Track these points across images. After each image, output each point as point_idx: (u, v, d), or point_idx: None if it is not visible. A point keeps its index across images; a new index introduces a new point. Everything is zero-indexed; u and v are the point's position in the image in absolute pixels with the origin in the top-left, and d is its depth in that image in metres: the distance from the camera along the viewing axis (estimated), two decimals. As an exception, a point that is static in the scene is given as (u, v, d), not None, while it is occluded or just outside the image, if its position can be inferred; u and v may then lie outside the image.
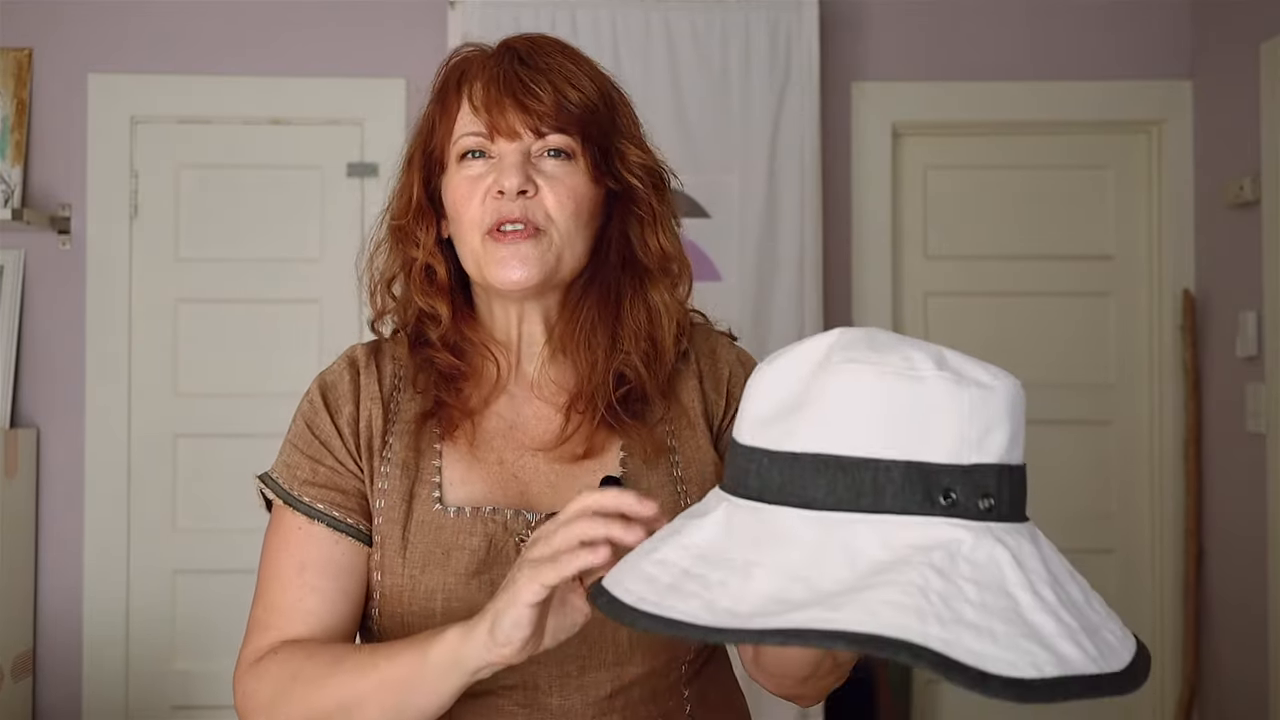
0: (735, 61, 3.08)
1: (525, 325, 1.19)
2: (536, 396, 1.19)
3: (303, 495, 1.14)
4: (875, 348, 0.77)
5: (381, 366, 1.20)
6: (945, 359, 0.76)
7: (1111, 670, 0.71)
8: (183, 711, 3.14)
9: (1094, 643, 0.72)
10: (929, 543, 0.72)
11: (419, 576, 1.10)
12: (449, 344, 1.19)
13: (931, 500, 0.73)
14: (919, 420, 0.74)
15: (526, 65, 1.14)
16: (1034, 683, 0.68)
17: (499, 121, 1.12)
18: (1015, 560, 0.73)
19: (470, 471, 1.15)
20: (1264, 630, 2.91)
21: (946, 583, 0.71)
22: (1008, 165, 3.39)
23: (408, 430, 1.16)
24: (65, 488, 3.13)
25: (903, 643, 0.67)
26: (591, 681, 1.10)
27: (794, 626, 0.69)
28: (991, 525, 0.74)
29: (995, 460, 0.75)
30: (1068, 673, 0.69)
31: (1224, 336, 3.13)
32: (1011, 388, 0.77)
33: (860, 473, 0.74)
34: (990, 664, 0.67)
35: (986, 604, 0.70)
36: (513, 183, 1.11)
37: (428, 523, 1.12)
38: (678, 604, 0.75)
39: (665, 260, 1.19)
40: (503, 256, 1.12)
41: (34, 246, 3.14)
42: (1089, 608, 0.76)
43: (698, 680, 1.17)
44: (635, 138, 1.20)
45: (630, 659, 1.11)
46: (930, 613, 0.69)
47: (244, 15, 3.20)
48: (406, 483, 1.14)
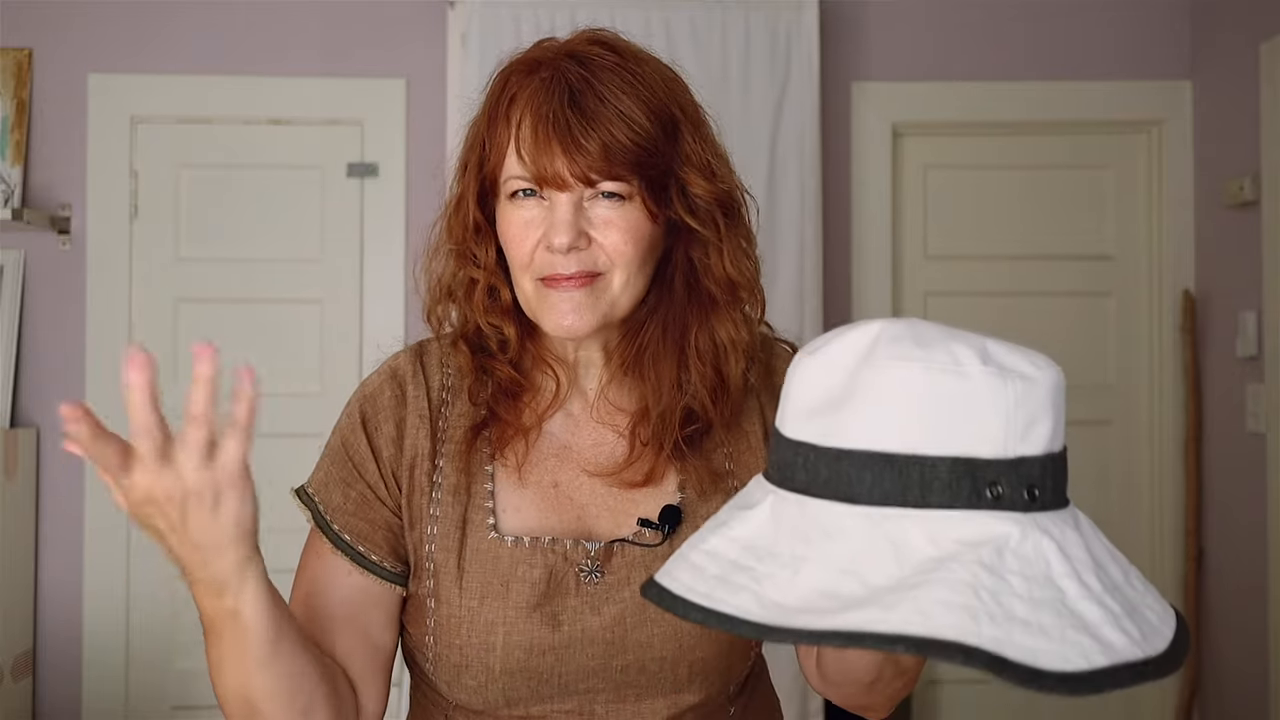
0: (735, 61, 3.08)
1: (582, 351, 1.15)
2: (594, 418, 1.16)
3: (334, 522, 1.13)
4: (920, 343, 0.77)
5: (429, 376, 1.16)
6: (989, 352, 0.77)
7: (1156, 653, 0.72)
8: (183, 711, 3.14)
9: (1137, 625, 0.73)
10: (978, 538, 0.73)
11: (477, 609, 1.08)
12: (509, 354, 1.15)
13: (979, 494, 0.74)
14: (965, 416, 0.75)
15: (577, 105, 1.06)
16: (1086, 675, 0.68)
17: (545, 170, 1.05)
18: (1061, 550, 0.74)
19: (523, 496, 1.12)
20: (1264, 630, 2.91)
21: (996, 579, 0.71)
22: (1008, 165, 3.39)
23: (458, 451, 1.12)
24: (65, 488, 3.13)
25: (957, 645, 0.68)
26: (648, 709, 1.09)
27: (850, 629, 0.70)
28: (1037, 516, 0.75)
29: (1040, 451, 0.76)
30: (1116, 661, 0.70)
31: (1224, 336, 3.13)
32: (1054, 376, 0.79)
33: (908, 469, 0.75)
34: (1043, 659, 0.68)
35: (1035, 597, 0.71)
36: (564, 240, 1.05)
37: (484, 551, 1.09)
38: (727, 597, 0.76)
39: (733, 289, 1.14)
40: (555, 303, 1.08)
41: (34, 246, 3.14)
42: (1129, 586, 0.77)
43: (742, 696, 1.17)
44: (699, 162, 1.11)
45: (688, 687, 1.10)
46: (983, 611, 0.69)
47: (244, 15, 3.20)
48: (459, 508, 1.11)
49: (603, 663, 1.07)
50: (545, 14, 3.04)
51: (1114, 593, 0.74)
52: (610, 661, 1.07)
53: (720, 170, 1.14)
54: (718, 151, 1.15)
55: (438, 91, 3.20)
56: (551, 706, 1.09)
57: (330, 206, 3.22)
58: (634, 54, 1.13)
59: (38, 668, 3.11)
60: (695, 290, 1.14)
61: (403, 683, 1.28)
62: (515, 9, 3.04)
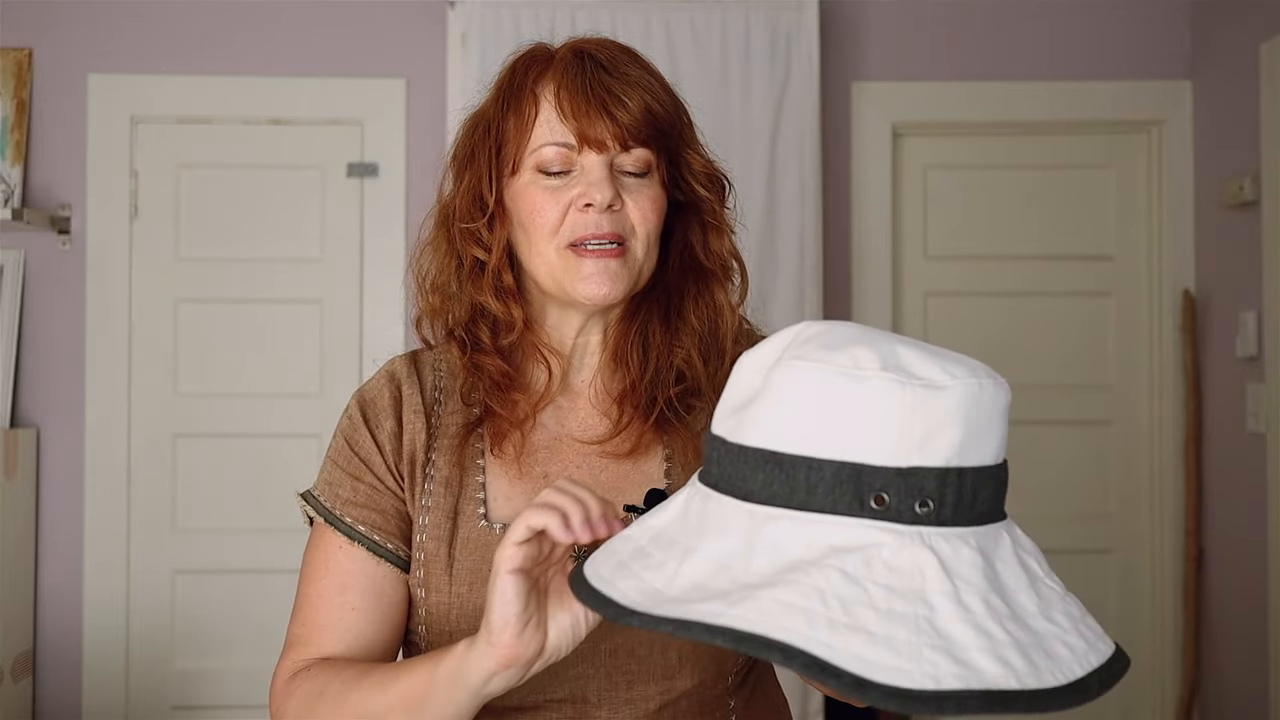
0: (735, 61, 3.08)
1: (582, 336, 1.18)
2: (585, 405, 1.18)
3: (345, 515, 1.13)
4: (828, 345, 0.76)
5: (422, 378, 1.19)
6: (897, 357, 0.75)
7: (1039, 687, 0.69)
8: (183, 711, 3.14)
9: (1026, 657, 0.70)
10: (847, 545, 0.72)
11: (466, 595, 1.09)
12: (501, 349, 1.16)
13: (861, 502, 0.72)
14: (856, 420, 0.73)
15: (611, 75, 1.12)
16: (920, 694, 0.66)
17: (588, 131, 1.10)
18: (943, 567, 0.71)
19: (514, 486, 1.14)
20: (1264, 630, 2.91)
21: (853, 587, 0.70)
22: (1007, 165, 3.39)
23: (451, 445, 1.14)
24: (65, 488, 3.13)
25: (778, 644, 0.67)
26: (640, 695, 1.09)
27: (681, 618, 0.71)
28: (925, 530, 0.72)
29: (939, 463, 0.73)
30: (971, 686, 0.67)
31: (1224, 336, 3.13)
32: (971, 388, 0.74)
33: (795, 470, 0.74)
34: (877, 672, 0.67)
35: (894, 610, 0.69)
36: (605, 196, 1.09)
37: (474, 540, 1.11)
38: (619, 581, 0.78)
39: (726, 262, 1.19)
40: (590, 273, 1.10)
41: (34, 246, 3.15)
42: (1043, 618, 0.73)
43: (743, 690, 1.16)
44: (697, 145, 1.19)
45: (679, 672, 1.10)
46: (823, 617, 0.69)
47: (244, 15, 3.20)
48: (451, 499, 1.13)
49: (591, 646, 1.07)
50: (545, 14, 3.05)
51: (1006, 621, 0.71)
52: (599, 645, 1.08)
53: (705, 149, 1.20)
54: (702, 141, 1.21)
55: (438, 91, 3.20)
56: (544, 696, 1.09)
57: (330, 206, 3.22)
58: (636, 51, 1.18)
59: (38, 668, 3.11)
60: (692, 267, 1.18)
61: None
62: (515, 9, 3.04)
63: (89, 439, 3.13)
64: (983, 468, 0.75)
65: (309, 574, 1.14)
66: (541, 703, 1.09)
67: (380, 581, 1.12)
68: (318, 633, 1.11)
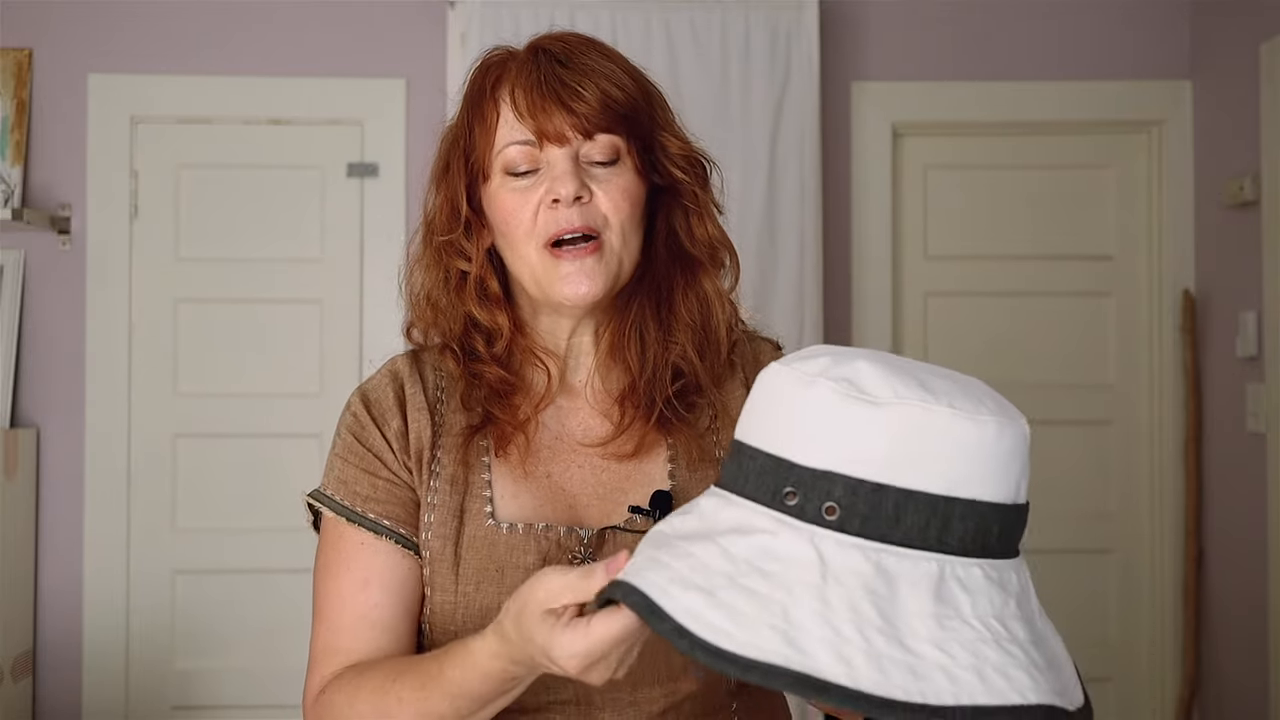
0: (735, 61, 3.08)
1: (575, 337, 1.17)
2: (584, 406, 1.17)
3: (367, 511, 1.12)
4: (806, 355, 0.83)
5: (424, 376, 1.19)
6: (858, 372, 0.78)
7: (873, 692, 0.69)
8: (183, 711, 3.14)
9: (879, 666, 0.70)
10: (743, 527, 0.78)
11: (473, 594, 1.09)
12: (497, 357, 1.16)
13: (774, 494, 0.78)
14: (793, 421, 0.79)
15: (566, 66, 1.11)
16: (733, 656, 0.70)
17: (545, 126, 1.09)
18: (821, 566, 0.74)
19: (520, 486, 1.14)
20: (1264, 630, 2.91)
21: (725, 561, 0.76)
22: (1008, 165, 3.38)
23: (456, 444, 1.14)
24: (65, 488, 3.13)
25: (623, 584, 0.76)
26: (645, 697, 1.09)
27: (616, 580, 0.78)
28: (820, 531, 0.75)
29: (856, 474, 0.75)
30: (777, 663, 0.70)
31: (1224, 336, 3.13)
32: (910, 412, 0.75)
33: (743, 458, 0.82)
34: (703, 629, 0.72)
35: (750, 588, 0.74)
36: (569, 189, 1.08)
37: (480, 539, 1.11)
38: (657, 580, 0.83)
39: (714, 248, 1.18)
40: (567, 273, 1.09)
41: (34, 246, 3.14)
42: (934, 646, 0.72)
43: (746, 691, 1.16)
44: (674, 129, 1.17)
45: (684, 675, 1.10)
46: (680, 576, 0.75)
47: (244, 15, 3.20)
48: (457, 498, 1.12)
49: None
50: (545, 14, 3.04)
51: (872, 630, 0.71)
52: None
53: (685, 135, 1.19)
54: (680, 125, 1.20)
55: (438, 91, 3.19)
56: (549, 697, 1.09)
57: (330, 206, 3.22)
58: (598, 40, 1.18)
59: (38, 668, 3.11)
60: (679, 255, 1.17)
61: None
62: (515, 9, 3.04)
63: (89, 439, 3.13)
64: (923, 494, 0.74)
65: (327, 574, 1.13)
66: (546, 704, 1.09)
67: (404, 574, 1.11)
68: (344, 635, 1.09)
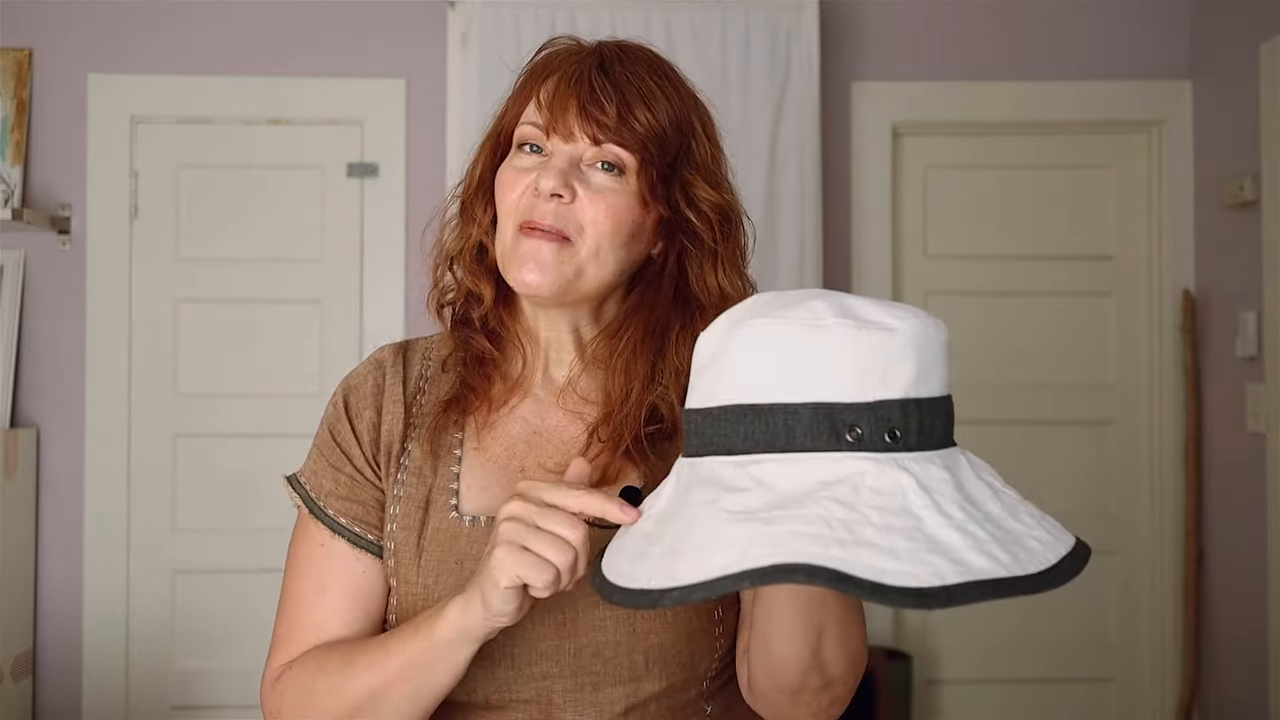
0: (735, 61, 3.08)
1: (552, 331, 1.17)
2: (561, 405, 1.17)
3: (327, 507, 1.14)
4: (782, 303, 0.83)
5: (409, 366, 1.20)
6: (849, 307, 0.82)
7: (1025, 573, 0.77)
8: (183, 711, 3.14)
9: (1007, 551, 0.78)
10: (833, 477, 0.79)
11: (433, 586, 1.09)
12: (488, 329, 1.18)
13: (838, 436, 0.80)
14: (822, 364, 0.80)
15: (603, 72, 1.11)
16: (934, 590, 0.74)
17: (557, 121, 1.10)
18: (920, 484, 0.79)
19: (489, 477, 1.13)
20: (1264, 630, 2.91)
21: (849, 511, 0.77)
22: (1008, 165, 3.39)
23: (426, 434, 1.14)
24: (65, 488, 3.13)
25: (799, 566, 0.74)
26: (606, 698, 1.08)
27: (708, 579, 0.77)
28: (898, 455, 0.80)
29: (900, 395, 0.81)
30: (970, 579, 0.75)
31: (1224, 336, 3.13)
32: (917, 327, 0.82)
33: (772, 417, 0.81)
34: (889, 577, 0.74)
35: (890, 525, 0.77)
36: (548, 184, 1.07)
37: (443, 531, 1.11)
38: (638, 570, 0.83)
39: (722, 300, 1.13)
40: (523, 254, 1.09)
41: (34, 246, 3.15)
42: (1012, 518, 0.81)
43: (721, 695, 1.14)
44: (709, 172, 1.14)
45: (646, 675, 1.09)
46: (831, 538, 0.75)
47: (244, 15, 3.20)
48: (423, 489, 1.13)
49: (555, 644, 1.07)
50: (545, 14, 3.05)
51: (984, 523, 0.79)
52: (563, 644, 1.07)
53: (725, 186, 1.17)
54: (725, 173, 1.18)
55: (438, 91, 3.20)
56: (510, 695, 1.09)
57: (330, 206, 3.22)
58: (670, 64, 1.17)
59: (38, 668, 3.11)
60: (683, 295, 1.15)
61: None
62: (515, 9, 3.04)
63: (89, 439, 3.13)
64: (935, 398, 0.83)
65: (291, 570, 1.16)
66: (507, 702, 1.09)
67: (359, 578, 1.13)
68: (300, 634, 1.12)
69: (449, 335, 1.19)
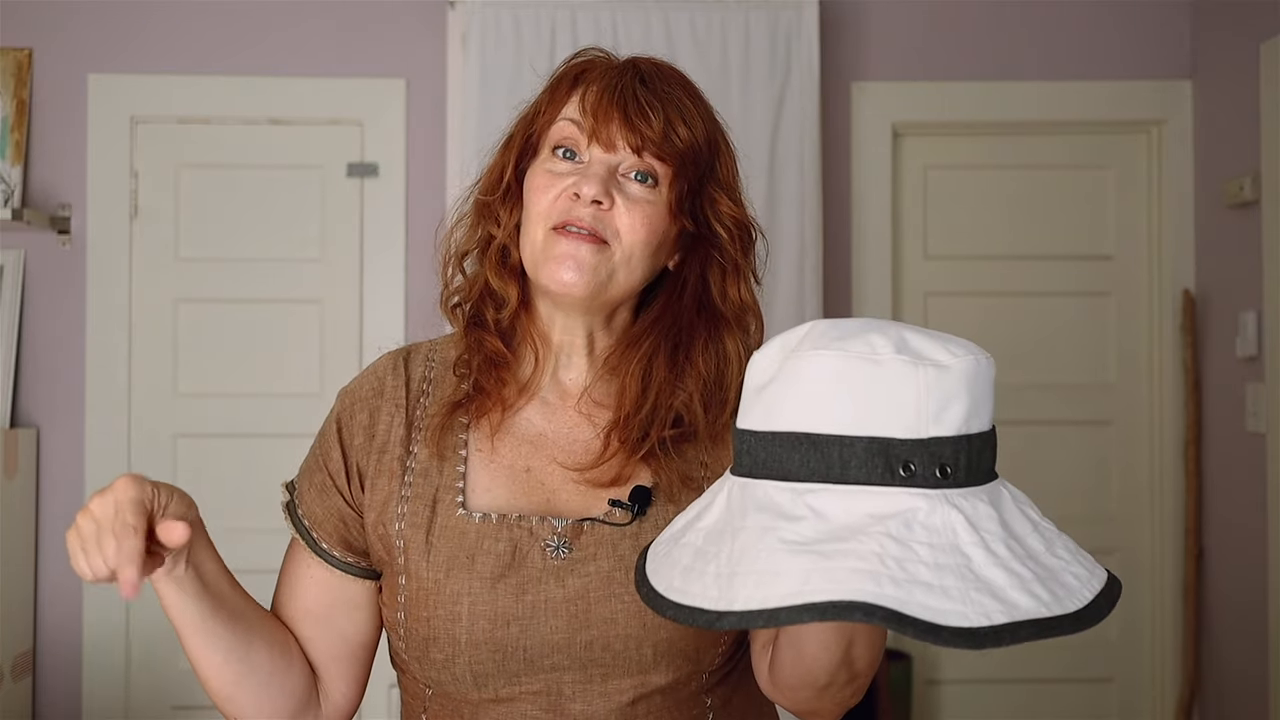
0: (735, 61, 3.08)
1: (565, 335, 1.19)
2: (573, 409, 1.19)
3: (299, 508, 1.21)
4: (841, 334, 0.85)
5: (411, 370, 1.22)
6: (906, 342, 0.85)
7: (1065, 612, 0.80)
8: (183, 711, 3.14)
9: (1049, 589, 0.80)
10: (887, 511, 0.81)
11: (443, 580, 1.11)
12: (501, 330, 1.19)
13: (892, 471, 0.82)
14: (879, 400, 0.82)
15: (646, 87, 1.14)
16: (984, 630, 0.76)
17: (601, 129, 1.12)
18: (969, 522, 0.81)
19: (495, 476, 1.16)
20: (1264, 630, 2.91)
21: (902, 548, 0.79)
22: (1008, 165, 3.39)
23: (432, 435, 1.16)
24: (65, 488, 3.13)
25: (858, 604, 0.75)
26: (615, 689, 1.11)
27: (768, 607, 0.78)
28: (948, 492, 0.82)
29: (953, 432, 0.83)
30: (1017, 618, 0.77)
31: (1224, 336, 3.13)
32: (969, 364, 0.84)
33: (828, 448, 0.83)
34: (942, 617, 0.76)
35: (940, 563, 0.79)
36: (591, 190, 1.10)
37: (451, 527, 1.13)
38: (691, 586, 0.85)
39: (743, 311, 1.20)
40: (560, 254, 1.11)
41: (34, 246, 3.14)
42: (1051, 555, 0.84)
43: (721, 687, 1.17)
44: (730, 188, 1.19)
45: (654, 668, 1.11)
46: (886, 576, 0.77)
47: (244, 15, 3.20)
48: (430, 488, 1.15)
49: (567, 637, 1.09)
50: (545, 14, 3.05)
51: (1027, 561, 0.81)
52: (575, 636, 1.09)
53: (743, 203, 1.23)
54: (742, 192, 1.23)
55: (438, 91, 3.20)
56: (519, 688, 1.10)
57: (330, 206, 3.22)
58: (696, 86, 1.21)
59: (38, 668, 3.11)
60: (706, 309, 1.19)
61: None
62: (515, 9, 3.04)
63: (89, 439, 3.13)
64: (984, 433, 0.86)
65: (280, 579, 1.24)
66: (517, 694, 1.11)
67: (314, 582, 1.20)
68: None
69: (460, 337, 1.21)
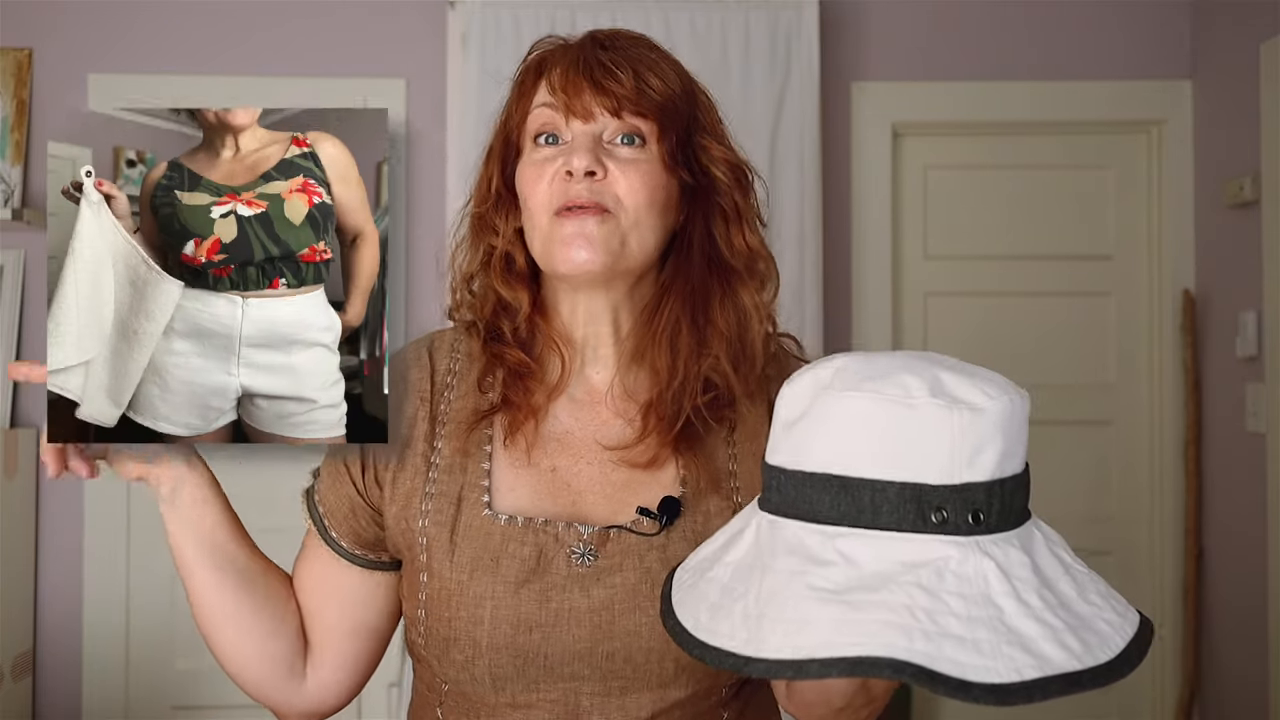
0: (735, 61, 3.08)
1: (591, 325, 1.16)
2: (603, 404, 1.16)
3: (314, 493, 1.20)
4: (873, 375, 0.84)
5: (436, 361, 1.19)
6: (940, 383, 0.82)
7: (1095, 664, 0.78)
8: (183, 711, 3.14)
9: (1080, 639, 0.78)
10: (919, 560, 0.79)
11: (467, 582, 1.09)
12: (520, 339, 1.17)
13: (924, 518, 0.80)
14: (912, 444, 0.80)
15: (607, 50, 1.13)
16: (1013, 686, 0.74)
17: (574, 103, 1.11)
18: (1001, 571, 0.80)
19: (519, 477, 1.13)
20: (1264, 630, 2.91)
21: (933, 599, 0.77)
22: (1008, 165, 3.39)
23: (457, 432, 1.15)
24: (65, 488, 3.13)
25: (887, 660, 0.74)
26: (634, 703, 1.09)
27: (798, 658, 0.77)
28: (980, 539, 0.81)
29: (986, 478, 0.81)
30: (1048, 673, 0.75)
31: (1224, 336, 3.13)
32: (1004, 406, 0.82)
33: (860, 492, 0.81)
34: (971, 672, 0.74)
35: (971, 615, 0.77)
36: (581, 162, 1.08)
37: (476, 528, 1.11)
38: (720, 625, 0.83)
39: (752, 258, 1.17)
40: (568, 234, 1.09)
41: (34, 246, 3.14)
42: (1082, 601, 0.82)
43: (736, 702, 1.16)
44: (718, 133, 1.17)
45: (674, 683, 1.09)
46: (917, 629, 0.76)
47: (244, 15, 3.20)
48: (455, 486, 1.13)
49: (589, 646, 1.07)
50: (545, 14, 3.05)
51: (1059, 610, 0.80)
52: (596, 647, 1.08)
53: (733, 146, 1.19)
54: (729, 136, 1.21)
55: (438, 91, 3.20)
56: (537, 694, 1.09)
57: (330, 206, 3.22)
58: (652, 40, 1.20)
59: (38, 668, 3.11)
60: (716, 263, 1.16)
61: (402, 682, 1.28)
62: (515, 9, 3.04)
63: (89, 439, 3.12)
64: (1017, 475, 0.83)
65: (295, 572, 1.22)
66: (534, 701, 1.09)
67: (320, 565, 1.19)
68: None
69: (480, 348, 1.18)
